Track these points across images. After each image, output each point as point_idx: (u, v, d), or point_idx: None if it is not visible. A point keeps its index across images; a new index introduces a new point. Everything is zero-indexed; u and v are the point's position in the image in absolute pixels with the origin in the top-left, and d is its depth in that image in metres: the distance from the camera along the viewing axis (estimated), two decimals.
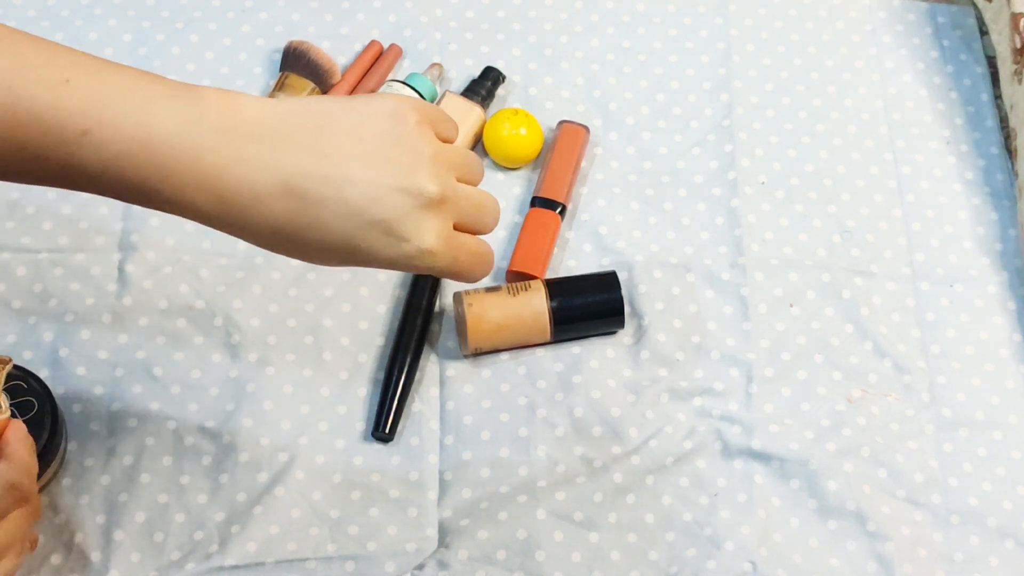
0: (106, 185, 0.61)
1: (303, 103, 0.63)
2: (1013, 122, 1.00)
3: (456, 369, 0.91)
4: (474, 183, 0.68)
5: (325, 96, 0.65)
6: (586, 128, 0.99)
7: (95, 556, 0.83)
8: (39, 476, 0.82)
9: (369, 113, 0.64)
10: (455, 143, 0.68)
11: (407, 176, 0.62)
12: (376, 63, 1.02)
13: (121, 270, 0.92)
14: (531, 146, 0.98)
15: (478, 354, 0.91)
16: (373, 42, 1.03)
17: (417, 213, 0.63)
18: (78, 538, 0.83)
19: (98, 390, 0.88)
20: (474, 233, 0.67)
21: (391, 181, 0.62)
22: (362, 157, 0.62)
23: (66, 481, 0.85)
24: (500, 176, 0.99)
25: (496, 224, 0.69)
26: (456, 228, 0.66)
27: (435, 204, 0.63)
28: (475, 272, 0.67)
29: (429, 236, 0.63)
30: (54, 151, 0.59)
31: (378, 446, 0.88)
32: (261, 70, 1.01)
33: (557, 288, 0.91)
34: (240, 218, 0.62)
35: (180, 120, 0.60)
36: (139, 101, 0.60)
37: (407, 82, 0.99)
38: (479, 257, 0.67)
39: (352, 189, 0.62)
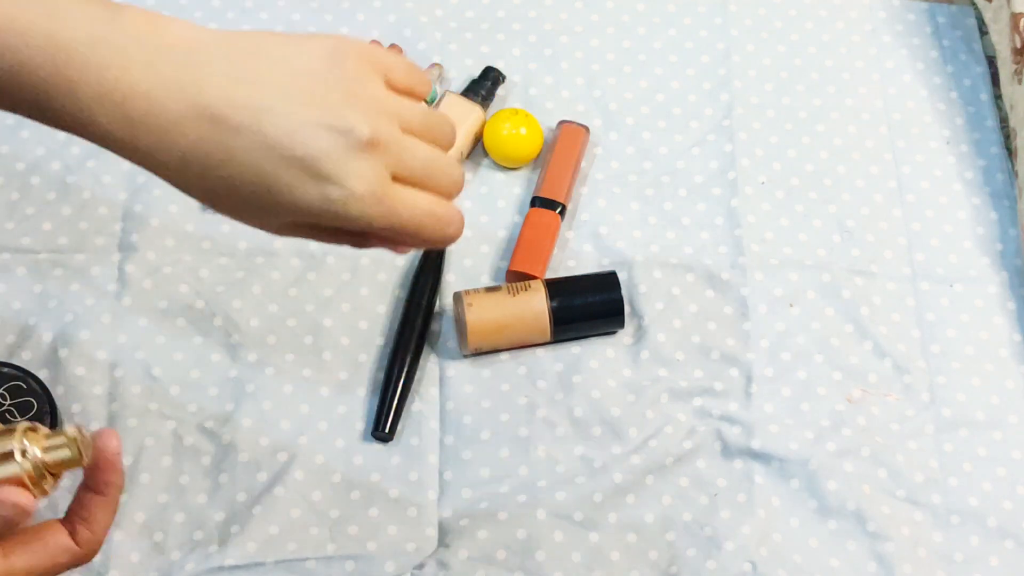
0: (8, 96, 0.56)
1: (236, 32, 0.58)
2: (1013, 122, 1.00)
3: (456, 369, 0.91)
4: (438, 138, 0.61)
5: (265, 31, 0.60)
6: (586, 128, 0.99)
7: (95, 557, 0.82)
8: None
9: (305, 48, 0.58)
10: (423, 106, 0.61)
11: (335, 114, 0.56)
12: None
13: (121, 270, 0.92)
14: (531, 146, 0.98)
15: (478, 354, 0.91)
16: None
17: (344, 154, 0.56)
18: None
19: (97, 390, 0.88)
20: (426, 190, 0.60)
21: (316, 117, 0.56)
22: (287, 89, 0.57)
23: (65, 482, 0.84)
24: (500, 176, 0.99)
25: (458, 190, 0.61)
26: (402, 182, 0.59)
27: (366, 147, 0.57)
28: (428, 233, 0.60)
29: (357, 181, 0.57)
30: None
31: (378, 446, 0.88)
32: None
33: (557, 288, 0.91)
34: (148, 142, 0.56)
35: (93, 30, 0.55)
36: (51, 7, 0.55)
37: None
38: (434, 217, 0.60)
39: (272, 120, 0.56)
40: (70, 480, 0.63)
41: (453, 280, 0.94)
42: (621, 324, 0.92)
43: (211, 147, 0.56)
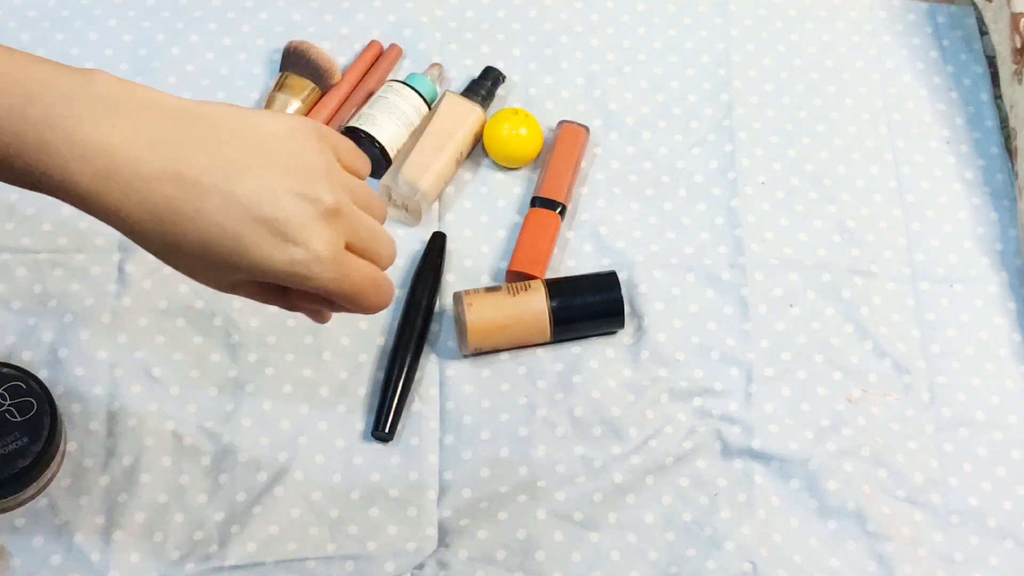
0: None
1: (202, 101, 0.62)
2: (1013, 122, 1.00)
3: (456, 369, 0.91)
4: (373, 212, 0.66)
5: (227, 103, 0.63)
6: (586, 128, 0.99)
7: (95, 556, 0.83)
8: (36, 478, 0.82)
9: (271, 120, 0.62)
10: (364, 183, 0.66)
11: (304, 182, 0.60)
12: (376, 63, 1.02)
13: (121, 270, 0.92)
14: (531, 146, 0.98)
15: (478, 354, 0.91)
16: (373, 42, 1.03)
17: (311, 219, 0.60)
18: (78, 538, 0.83)
19: (97, 390, 0.88)
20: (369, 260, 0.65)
21: (286, 184, 0.60)
22: (259, 156, 0.60)
23: (65, 481, 0.85)
24: (500, 176, 0.99)
25: (392, 261, 0.66)
26: (352, 251, 0.63)
27: (330, 215, 0.61)
28: (369, 298, 0.64)
29: (321, 245, 0.60)
30: None
31: (378, 446, 0.88)
32: (261, 70, 1.01)
33: (557, 288, 0.91)
34: (117, 198, 0.58)
35: (65, 89, 0.57)
36: (21, 70, 0.57)
37: (407, 82, 0.99)
38: (375, 284, 0.64)
39: (244, 184, 0.59)
40: None
41: (453, 280, 0.94)
42: (621, 324, 0.92)
43: (182, 205, 0.59)
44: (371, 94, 1.00)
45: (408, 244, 0.95)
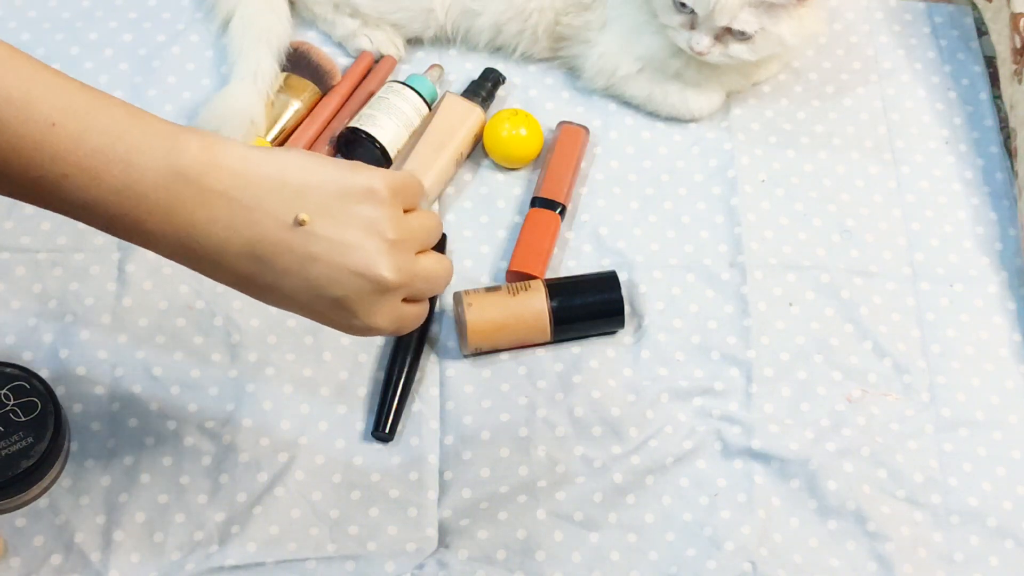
0: (83, 220, 0.64)
1: (285, 163, 0.66)
2: (1013, 122, 1.00)
3: (456, 369, 0.91)
4: (432, 243, 0.71)
5: (309, 156, 0.67)
6: (586, 129, 0.99)
7: (95, 556, 0.82)
8: (40, 478, 0.82)
9: (345, 191, 0.66)
10: (420, 216, 0.71)
11: (369, 264, 0.66)
12: (377, 65, 1.02)
13: (121, 270, 0.92)
14: (531, 146, 0.98)
15: (478, 354, 0.91)
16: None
17: (371, 296, 0.67)
18: (78, 538, 0.83)
19: (98, 390, 0.88)
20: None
21: (352, 265, 0.66)
22: (329, 235, 0.65)
23: (66, 481, 0.85)
24: (500, 176, 0.99)
25: (443, 289, 0.73)
26: (409, 300, 0.70)
27: (389, 290, 0.67)
28: (408, 330, 0.72)
29: (378, 317, 0.68)
30: (35, 187, 0.62)
31: (378, 446, 0.88)
32: None
33: (557, 288, 0.91)
34: (206, 270, 0.66)
35: (158, 176, 0.62)
36: (120, 153, 0.62)
37: (407, 83, 0.99)
38: (417, 319, 0.72)
39: (314, 267, 0.65)
40: None
41: (453, 280, 0.94)
42: (621, 324, 0.92)
43: (262, 279, 0.66)
44: (371, 95, 1.00)
45: None
